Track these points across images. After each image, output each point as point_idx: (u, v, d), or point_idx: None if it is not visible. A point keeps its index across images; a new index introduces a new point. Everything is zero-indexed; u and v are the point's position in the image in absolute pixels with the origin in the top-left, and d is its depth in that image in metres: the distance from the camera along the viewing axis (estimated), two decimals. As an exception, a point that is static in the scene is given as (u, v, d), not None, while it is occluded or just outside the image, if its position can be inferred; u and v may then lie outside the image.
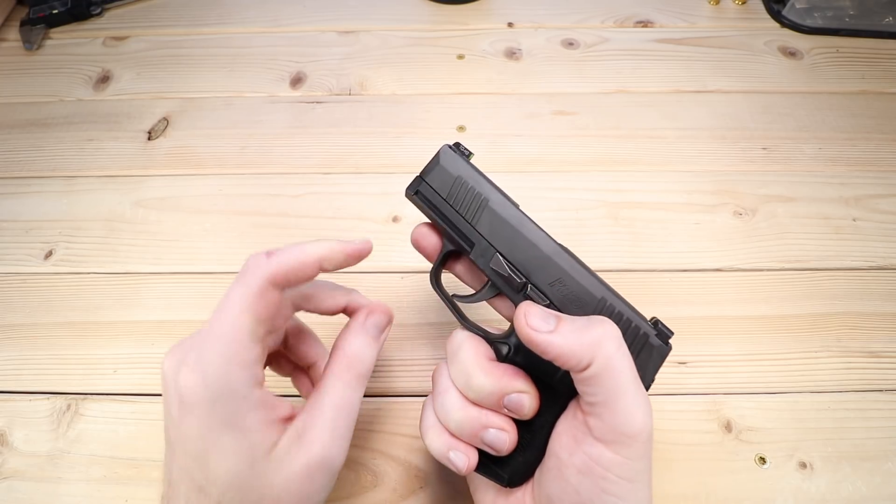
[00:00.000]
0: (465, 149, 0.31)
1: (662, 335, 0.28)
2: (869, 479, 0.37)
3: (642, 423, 0.25)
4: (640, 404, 0.25)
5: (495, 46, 0.63)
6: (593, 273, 0.29)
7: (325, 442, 0.27)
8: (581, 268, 0.29)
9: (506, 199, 0.30)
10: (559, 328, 0.26)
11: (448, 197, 0.31)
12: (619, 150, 0.54)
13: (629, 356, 0.26)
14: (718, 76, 0.59)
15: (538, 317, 0.26)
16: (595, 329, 0.26)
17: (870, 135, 0.54)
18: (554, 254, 0.29)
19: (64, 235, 0.49)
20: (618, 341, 0.26)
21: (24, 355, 0.43)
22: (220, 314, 0.26)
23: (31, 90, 0.59)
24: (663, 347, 0.28)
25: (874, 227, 0.48)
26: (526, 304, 0.27)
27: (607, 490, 0.25)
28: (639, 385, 0.26)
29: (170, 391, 0.26)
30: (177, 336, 0.43)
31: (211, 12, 0.66)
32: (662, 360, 0.28)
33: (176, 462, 0.26)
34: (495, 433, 0.28)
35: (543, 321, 0.26)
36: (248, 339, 0.26)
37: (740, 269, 0.46)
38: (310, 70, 0.61)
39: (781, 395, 0.40)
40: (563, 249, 0.30)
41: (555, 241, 0.30)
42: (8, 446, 0.39)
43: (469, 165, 0.31)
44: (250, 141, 0.55)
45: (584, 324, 0.26)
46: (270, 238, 0.48)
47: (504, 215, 0.30)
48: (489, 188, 0.30)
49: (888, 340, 0.42)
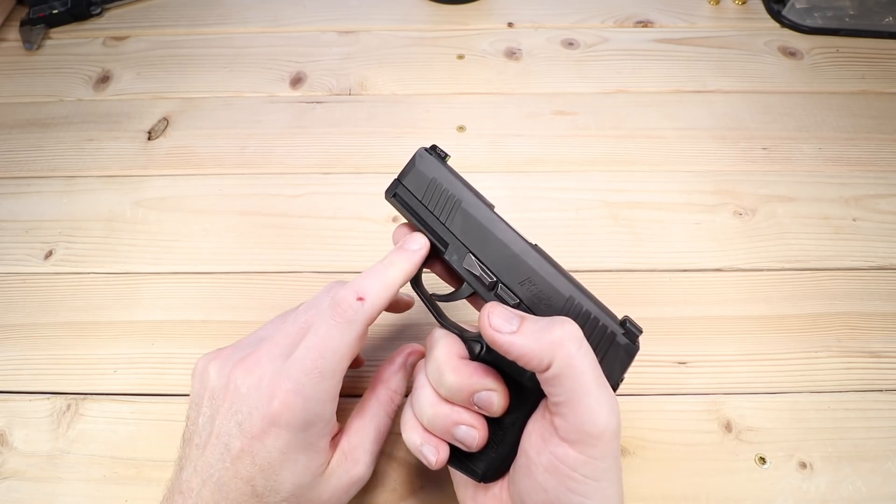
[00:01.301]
0: (441, 151, 0.32)
1: (630, 334, 0.28)
2: (869, 479, 0.37)
3: (605, 423, 0.25)
4: (602, 404, 0.25)
5: (495, 46, 0.63)
6: (564, 272, 0.29)
7: (367, 463, 0.31)
8: (551, 267, 0.29)
9: (479, 199, 0.31)
10: (521, 329, 0.26)
11: (423, 198, 0.31)
12: (619, 150, 0.54)
13: (592, 356, 0.26)
14: (718, 76, 0.59)
15: (501, 317, 0.27)
16: (555, 330, 0.26)
17: (870, 135, 0.54)
18: (523, 252, 0.29)
19: (64, 235, 0.49)
20: (578, 341, 0.26)
21: (24, 355, 0.43)
22: (320, 350, 0.28)
23: (31, 90, 0.59)
24: (631, 346, 0.28)
25: (874, 227, 0.48)
26: (490, 305, 0.28)
27: (573, 489, 0.25)
28: (603, 384, 0.26)
29: (239, 402, 0.28)
30: (177, 336, 0.43)
31: (211, 12, 0.66)
32: (631, 359, 0.28)
33: (220, 464, 0.27)
34: (465, 430, 0.28)
35: (506, 322, 0.27)
36: (342, 376, 0.29)
37: (740, 269, 0.46)
38: (310, 70, 0.61)
39: (781, 395, 0.40)
40: (535, 249, 0.30)
41: (526, 241, 0.30)
42: (8, 446, 0.39)
43: (444, 167, 0.32)
44: (250, 141, 0.55)
45: (546, 324, 0.26)
46: (270, 238, 0.48)
47: (476, 215, 0.30)
48: (462, 189, 0.31)
49: (888, 340, 0.42)
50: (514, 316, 0.27)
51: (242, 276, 0.46)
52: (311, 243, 0.48)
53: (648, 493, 0.36)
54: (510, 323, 0.27)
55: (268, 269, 0.47)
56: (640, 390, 0.40)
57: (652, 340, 0.42)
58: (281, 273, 0.46)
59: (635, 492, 0.36)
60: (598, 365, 0.26)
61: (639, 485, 0.37)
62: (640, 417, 0.39)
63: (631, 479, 0.37)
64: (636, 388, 0.40)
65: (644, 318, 0.43)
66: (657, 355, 0.42)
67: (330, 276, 0.46)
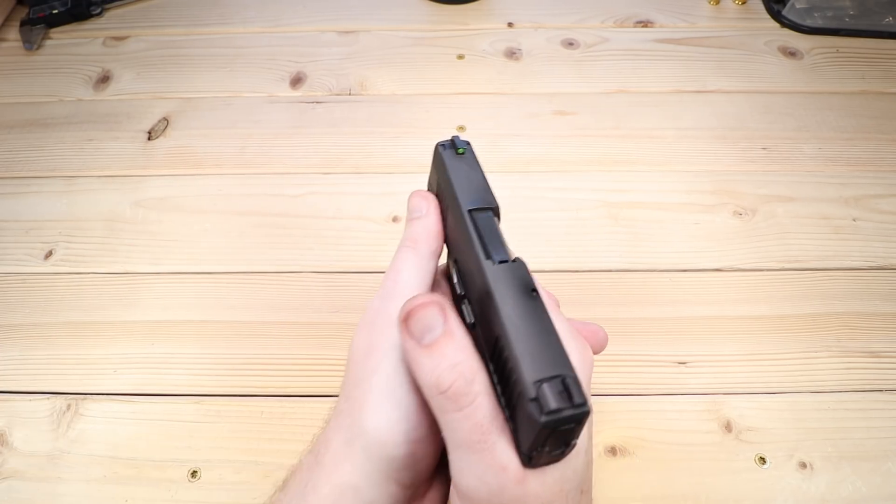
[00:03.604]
0: (454, 142, 0.28)
1: (541, 402, 0.19)
2: (869, 479, 0.37)
3: (467, 488, 0.21)
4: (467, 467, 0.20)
5: (495, 46, 0.62)
6: (532, 298, 0.22)
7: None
8: (512, 293, 0.22)
9: (467, 202, 0.25)
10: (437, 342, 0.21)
11: (439, 191, 0.28)
12: (619, 150, 0.54)
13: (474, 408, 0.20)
14: (718, 76, 0.59)
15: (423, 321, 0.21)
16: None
17: (870, 135, 0.54)
18: (487, 268, 0.23)
19: (64, 235, 0.49)
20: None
21: (24, 355, 0.43)
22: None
23: (31, 90, 0.59)
24: (533, 417, 0.19)
25: (874, 227, 0.48)
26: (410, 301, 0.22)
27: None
28: (481, 447, 0.20)
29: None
30: (176, 336, 0.43)
31: (211, 12, 0.66)
32: (536, 432, 0.19)
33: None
34: None
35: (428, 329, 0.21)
36: None
37: (740, 269, 0.46)
38: (310, 70, 0.60)
39: (781, 395, 0.40)
40: (514, 264, 0.23)
41: (501, 258, 0.23)
42: (8, 446, 0.38)
43: (445, 165, 0.27)
44: (250, 141, 0.55)
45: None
46: (270, 238, 0.48)
47: (461, 226, 0.25)
48: (458, 190, 0.26)
49: (888, 340, 0.42)
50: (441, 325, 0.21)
51: (242, 276, 0.46)
52: (311, 243, 0.48)
53: (648, 493, 0.36)
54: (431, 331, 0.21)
55: (268, 269, 0.47)
56: (640, 390, 0.40)
57: (652, 340, 0.42)
58: (281, 273, 0.46)
59: (635, 492, 0.36)
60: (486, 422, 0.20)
61: (639, 485, 0.37)
62: (640, 417, 0.39)
63: (631, 479, 0.37)
64: (636, 388, 0.40)
65: (644, 318, 0.43)
66: (657, 355, 0.42)
67: (330, 276, 0.46)
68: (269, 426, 0.39)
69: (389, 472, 0.23)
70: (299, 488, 0.24)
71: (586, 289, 0.45)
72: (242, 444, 0.38)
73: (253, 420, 0.39)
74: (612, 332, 0.36)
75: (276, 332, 0.43)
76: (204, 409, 0.40)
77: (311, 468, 0.24)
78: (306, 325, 0.44)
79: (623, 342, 0.42)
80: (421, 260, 0.25)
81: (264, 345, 0.43)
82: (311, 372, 0.41)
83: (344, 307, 0.44)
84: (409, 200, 0.27)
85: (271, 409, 0.40)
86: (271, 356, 0.42)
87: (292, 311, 0.44)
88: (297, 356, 0.42)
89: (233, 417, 0.39)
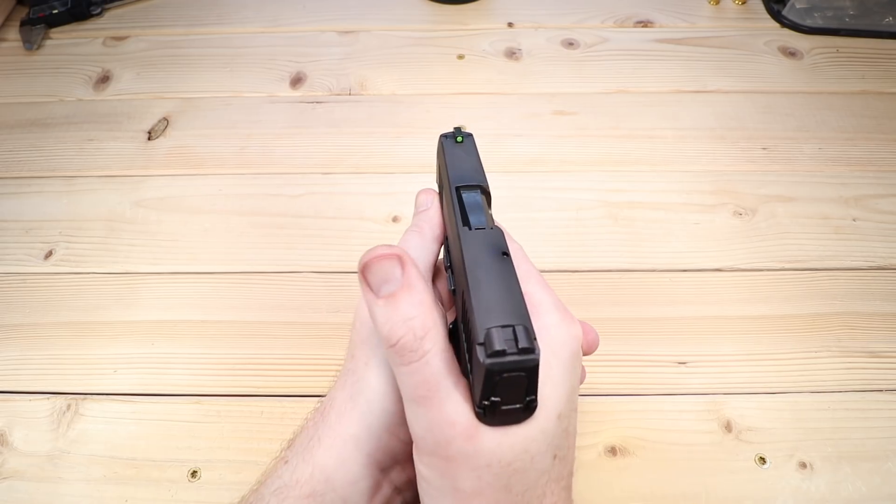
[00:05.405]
0: (456, 132, 0.29)
1: (488, 346, 0.19)
2: (869, 479, 0.37)
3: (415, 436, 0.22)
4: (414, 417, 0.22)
5: (495, 46, 0.62)
6: (502, 261, 0.22)
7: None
8: (483, 254, 0.23)
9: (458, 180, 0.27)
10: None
11: (440, 181, 0.31)
12: (619, 150, 0.54)
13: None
14: (718, 76, 0.59)
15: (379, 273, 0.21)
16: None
17: (870, 135, 0.54)
18: (463, 234, 0.24)
19: (64, 235, 0.49)
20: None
21: (24, 355, 0.43)
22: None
23: (31, 90, 0.59)
24: (479, 361, 0.19)
25: (874, 227, 0.48)
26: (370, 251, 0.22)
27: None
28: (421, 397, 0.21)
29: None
30: (177, 336, 0.43)
31: (210, 12, 0.66)
32: (484, 378, 0.19)
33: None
34: None
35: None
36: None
37: (740, 269, 0.46)
38: (310, 70, 0.60)
39: (781, 395, 0.40)
40: (490, 231, 0.24)
41: (478, 226, 0.24)
42: (8, 446, 0.38)
43: (444, 153, 0.29)
44: (250, 141, 0.55)
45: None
46: (270, 238, 0.48)
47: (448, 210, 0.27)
48: (451, 174, 0.27)
49: (888, 340, 0.42)
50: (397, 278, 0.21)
51: (242, 276, 0.46)
52: (311, 243, 0.48)
53: (648, 493, 0.36)
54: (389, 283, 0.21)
55: (268, 269, 0.47)
56: (640, 390, 0.40)
57: (652, 340, 0.42)
58: (281, 273, 0.46)
59: (635, 492, 0.36)
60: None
61: (639, 485, 0.37)
62: (640, 417, 0.39)
63: (631, 479, 0.37)
64: (636, 388, 0.40)
65: (644, 318, 0.43)
66: (657, 355, 0.42)
67: (330, 276, 0.46)
68: (269, 426, 0.39)
69: (389, 426, 0.25)
70: (305, 442, 0.26)
71: (586, 289, 0.45)
72: (242, 444, 0.38)
73: (253, 420, 0.39)
74: (612, 332, 0.36)
75: (276, 332, 0.43)
76: (204, 409, 0.40)
77: (316, 424, 0.26)
78: (306, 325, 0.44)
79: (623, 342, 0.42)
80: (424, 241, 0.28)
81: (264, 345, 0.43)
82: (311, 372, 0.41)
83: (344, 307, 0.44)
84: (417, 198, 0.30)
85: (271, 409, 0.40)
86: (271, 356, 0.42)
87: (292, 311, 0.44)
88: (297, 356, 0.42)
89: (233, 417, 0.39)
